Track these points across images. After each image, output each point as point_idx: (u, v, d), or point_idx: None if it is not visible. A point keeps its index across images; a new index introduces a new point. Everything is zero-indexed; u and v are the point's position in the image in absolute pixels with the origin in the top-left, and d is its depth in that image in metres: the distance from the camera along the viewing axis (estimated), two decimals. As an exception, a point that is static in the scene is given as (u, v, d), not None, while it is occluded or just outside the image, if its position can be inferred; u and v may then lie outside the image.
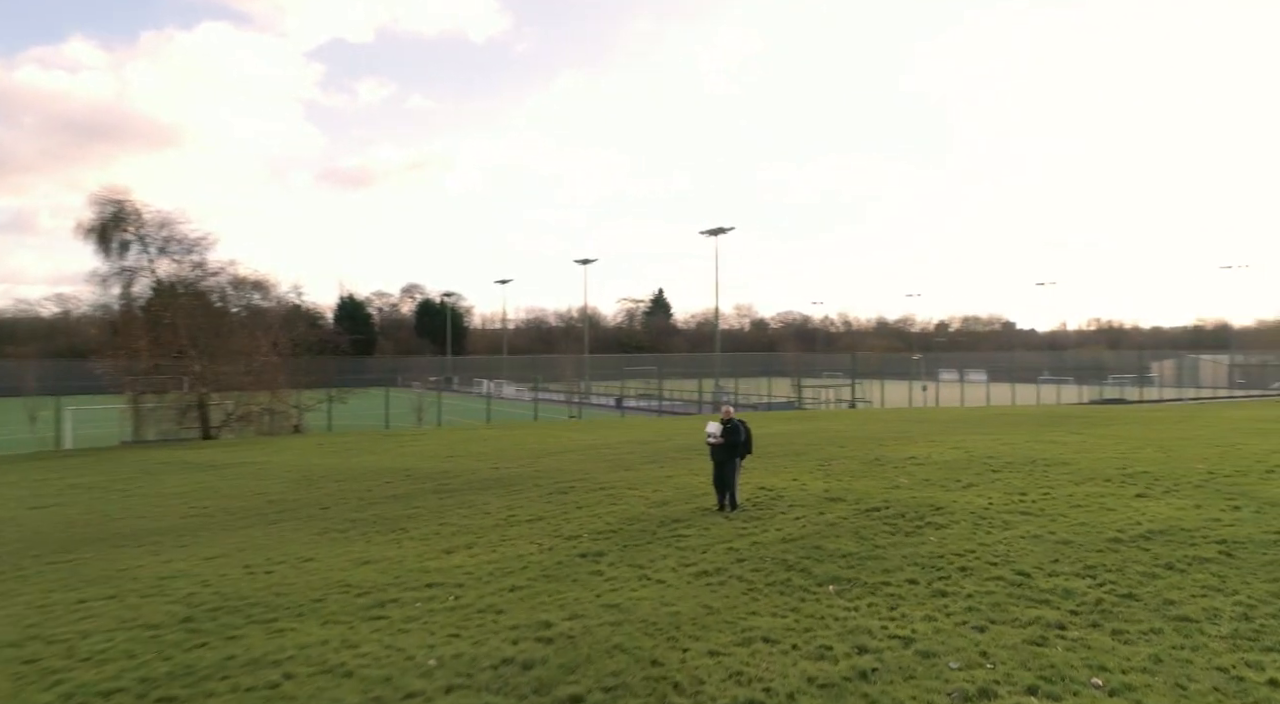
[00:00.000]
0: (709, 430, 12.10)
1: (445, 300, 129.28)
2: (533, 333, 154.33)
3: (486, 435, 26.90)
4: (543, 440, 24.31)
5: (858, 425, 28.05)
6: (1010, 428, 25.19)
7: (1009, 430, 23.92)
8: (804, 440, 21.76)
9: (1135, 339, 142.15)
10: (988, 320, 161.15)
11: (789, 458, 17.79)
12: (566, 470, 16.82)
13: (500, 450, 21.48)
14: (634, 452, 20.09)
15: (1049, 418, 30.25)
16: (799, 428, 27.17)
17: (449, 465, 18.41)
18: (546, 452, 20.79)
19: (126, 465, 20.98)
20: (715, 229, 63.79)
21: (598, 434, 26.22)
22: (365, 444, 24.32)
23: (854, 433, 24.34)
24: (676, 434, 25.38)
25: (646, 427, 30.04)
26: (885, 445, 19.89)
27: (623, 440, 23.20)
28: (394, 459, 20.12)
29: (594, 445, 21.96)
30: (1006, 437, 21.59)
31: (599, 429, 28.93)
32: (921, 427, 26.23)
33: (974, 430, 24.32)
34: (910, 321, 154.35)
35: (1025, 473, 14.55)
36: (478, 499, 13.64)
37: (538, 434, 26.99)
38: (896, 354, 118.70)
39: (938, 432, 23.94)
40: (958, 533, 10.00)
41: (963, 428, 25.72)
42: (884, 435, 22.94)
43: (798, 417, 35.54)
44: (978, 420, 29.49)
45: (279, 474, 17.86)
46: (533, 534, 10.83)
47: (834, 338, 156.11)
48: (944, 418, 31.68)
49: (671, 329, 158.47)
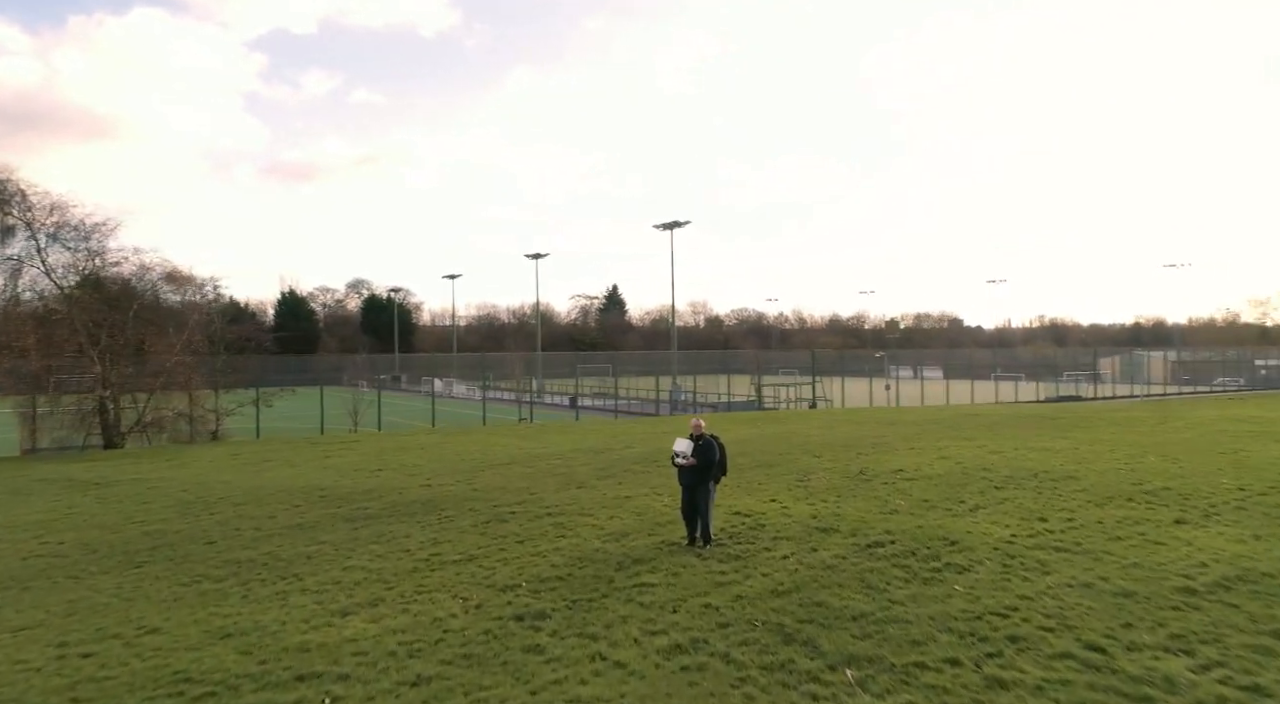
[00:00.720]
0: (677, 450, 10.01)
1: (392, 295, 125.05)
2: (484, 330, 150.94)
3: (426, 442, 24.45)
4: (487, 448, 21.99)
5: (826, 428, 26.30)
6: (988, 431, 23.69)
7: (988, 435, 22.39)
8: (774, 448, 19.86)
9: (1078, 336, 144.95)
10: (938, 318, 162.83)
11: (761, 470, 15.83)
12: (509, 488, 14.58)
13: (437, 462, 19.12)
14: (587, 463, 17.92)
15: (1020, 419, 28.95)
16: (765, 431, 25.30)
17: (374, 482, 16.00)
18: (489, 463, 18.50)
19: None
20: (670, 223, 61.91)
21: (548, 441, 23.98)
22: (285, 454, 21.68)
23: (825, 438, 22.54)
24: (634, 440, 23.29)
25: (601, 430, 27.89)
26: (865, 454, 18.07)
27: (574, 449, 21.02)
28: (313, 473, 17.61)
29: (542, 455, 19.73)
30: (991, 443, 19.99)
31: (550, 434, 26.69)
32: (895, 431, 24.57)
33: (951, 435, 22.74)
34: (863, 318, 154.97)
35: (1033, 490, 12.80)
36: (398, 530, 11.33)
37: (483, 440, 24.63)
38: (852, 351, 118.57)
39: (914, 436, 22.29)
40: (987, 578, 8.09)
41: (938, 431, 24.14)
42: (859, 441, 21.17)
43: (760, 418, 33.76)
44: (950, 422, 28.00)
45: (170, 495, 15.25)
46: (458, 582, 8.60)
47: (788, 335, 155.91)
48: (913, 419, 30.18)
49: (626, 326, 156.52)
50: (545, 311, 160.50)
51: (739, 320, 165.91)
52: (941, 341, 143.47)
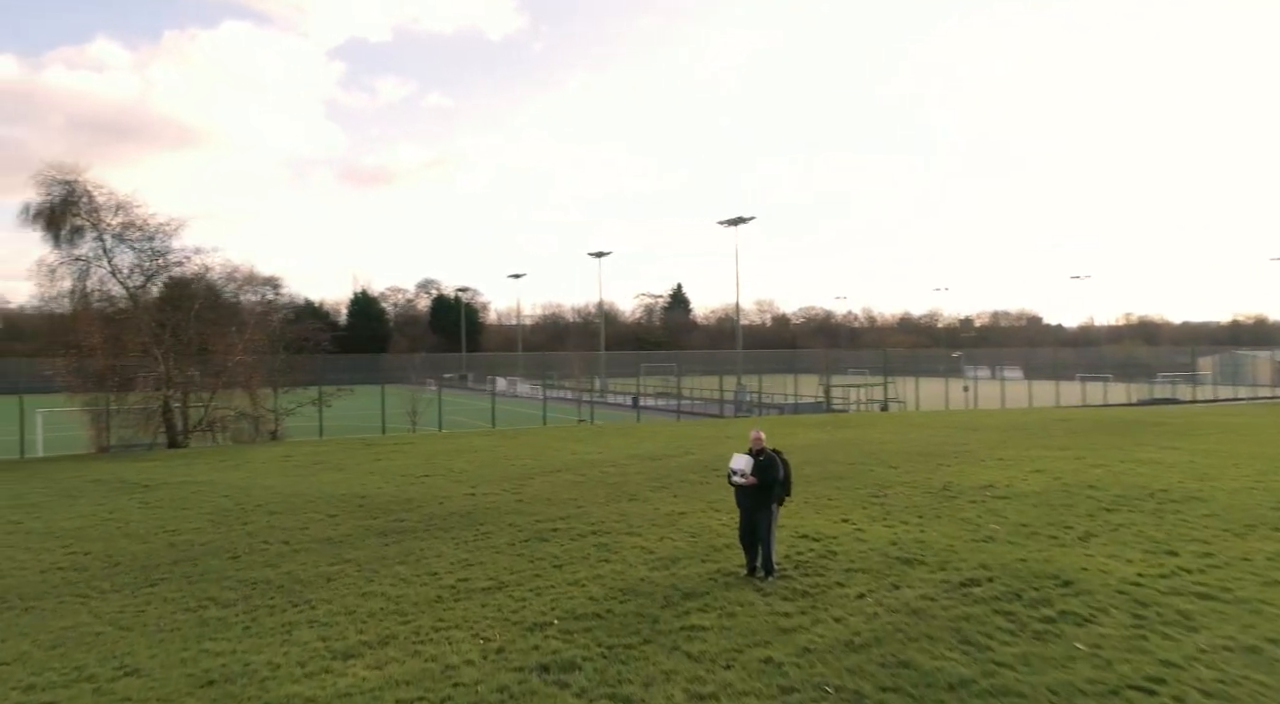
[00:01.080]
0: (734, 467, 8.76)
1: (459, 295, 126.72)
2: (549, 329, 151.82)
3: (480, 445, 23.71)
4: (541, 452, 21.08)
5: (900, 433, 24.54)
6: (1082, 439, 21.60)
7: (1084, 443, 20.34)
8: (844, 456, 18.34)
9: (1169, 334, 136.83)
10: (1016, 316, 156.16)
11: (831, 484, 14.39)
12: (555, 500, 13.54)
13: (487, 467, 18.26)
14: (641, 471, 16.77)
15: (1116, 424, 26.55)
16: (834, 437, 23.71)
17: (418, 489, 15.19)
18: (540, 469, 17.54)
19: (52, 481, 17.99)
20: (735, 219, 60.38)
21: (605, 444, 22.95)
22: (338, 456, 21.21)
23: (900, 444, 20.87)
24: (694, 445, 22.05)
25: (660, 434, 26.73)
26: (946, 465, 16.42)
27: (630, 454, 19.90)
28: (359, 478, 16.95)
29: (596, 461, 18.67)
30: (1090, 454, 18.03)
31: (607, 437, 25.66)
32: (977, 437, 22.67)
33: (1041, 443, 20.77)
34: (936, 316, 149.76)
35: (1152, 514, 11.06)
36: (430, 548, 10.39)
37: (538, 443, 23.76)
38: (925, 350, 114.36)
39: (1000, 444, 20.42)
40: (1116, 635, 6.59)
41: (1025, 438, 22.15)
42: (938, 449, 19.46)
43: (829, 421, 32.04)
44: (1037, 428, 25.85)
45: (211, 501, 14.74)
46: (482, 618, 7.56)
47: (857, 334, 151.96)
48: (994, 424, 28.07)
49: (691, 325, 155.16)
50: (609, 311, 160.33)
51: (806, 319, 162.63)
52: (1020, 340, 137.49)
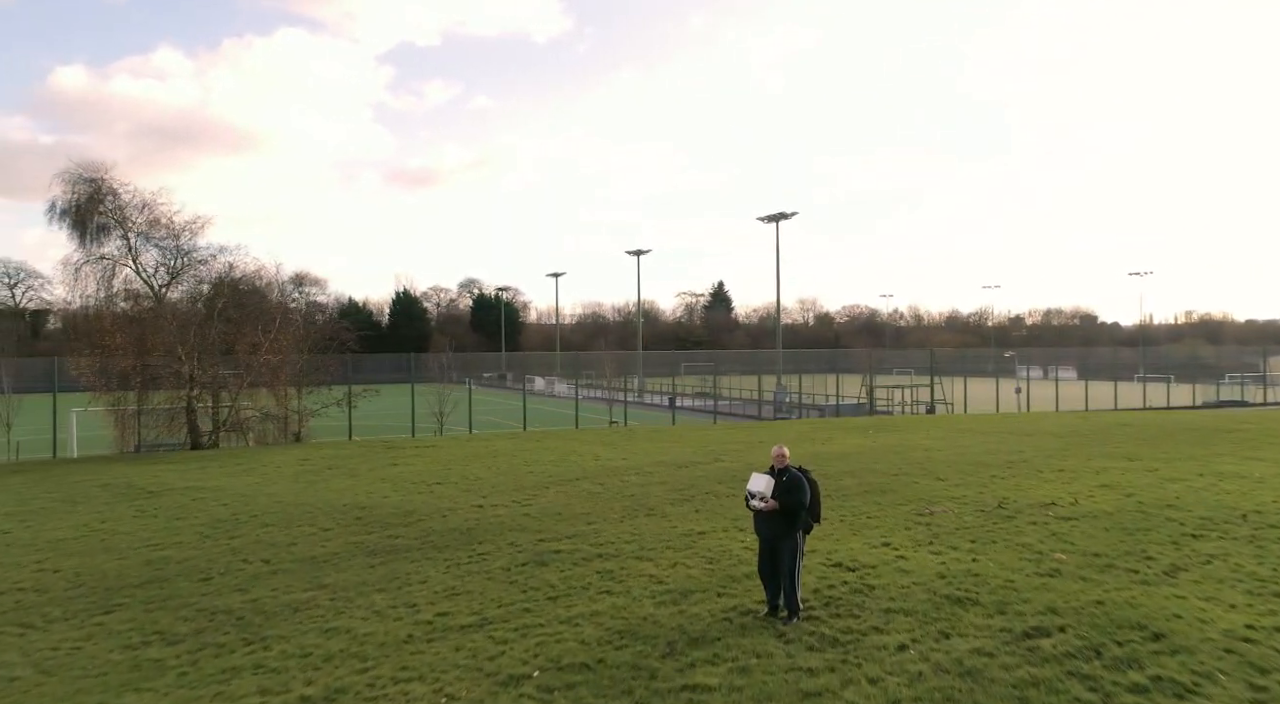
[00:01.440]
0: (752, 489, 7.53)
1: (500, 294, 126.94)
2: (588, 328, 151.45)
3: (502, 449, 22.75)
4: (564, 457, 20.02)
5: (949, 440, 22.92)
6: (1150, 447, 19.78)
7: (1153, 452, 18.55)
8: (887, 465, 16.89)
9: (1234, 333, 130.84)
10: (1070, 313, 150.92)
11: (871, 499, 13.03)
12: (566, 514, 12.43)
13: (503, 474, 17.26)
14: (665, 480, 15.58)
15: (1185, 431, 24.53)
16: (876, 443, 22.21)
17: (424, 499, 14.23)
18: (558, 477, 16.47)
19: (62, 485, 17.48)
20: (775, 215, 58.72)
21: (632, 449, 21.80)
22: (354, 461, 20.43)
23: (948, 452, 19.32)
24: (725, 451, 20.78)
25: (692, 437, 25.50)
26: (1001, 478, 14.91)
27: (657, 461, 18.72)
28: (367, 486, 16.08)
29: (619, 468, 17.54)
30: (1163, 465, 16.31)
31: (637, 441, 24.52)
32: (1033, 444, 20.98)
33: (1105, 451, 19.04)
34: (986, 314, 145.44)
35: (1249, 543, 9.51)
36: (416, 572, 9.35)
37: (564, 447, 22.72)
38: (974, 350, 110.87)
39: (1059, 453, 18.75)
40: (1229, 713, 5.21)
41: (1087, 446, 20.41)
42: (991, 458, 17.89)
43: (872, 425, 30.43)
44: (1098, 434, 23.99)
45: (209, 510, 13.97)
46: (451, 667, 6.45)
47: (903, 333, 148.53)
48: (1051, 429, 26.22)
49: (732, 324, 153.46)
50: (650, 309, 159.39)
51: (850, 317, 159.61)
52: (1074, 339, 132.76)
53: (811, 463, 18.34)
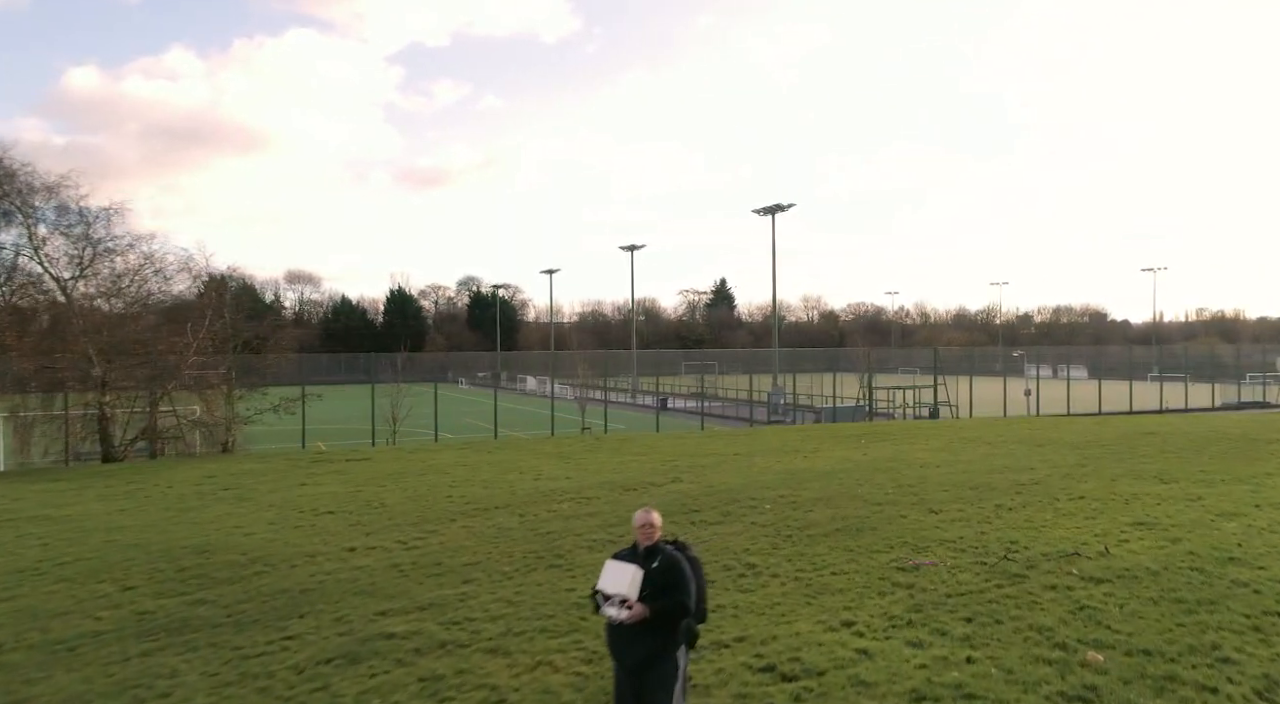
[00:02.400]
0: (605, 591, 4.69)
1: (496, 291, 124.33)
2: (589, 327, 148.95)
3: (442, 463, 20.01)
4: (501, 475, 17.28)
5: (951, 451, 20.08)
6: (1184, 463, 16.92)
7: (1189, 470, 15.68)
8: (871, 489, 14.07)
9: (1249, 331, 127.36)
10: (1080, 311, 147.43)
11: (844, 540, 10.23)
12: (448, 566, 9.66)
13: (418, 498, 14.52)
14: (599, 511, 12.80)
15: (1220, 440, 21.66)
16: (866, 456, 19.39)
17: (287, 540, 11.47)
18: (475, 505, 13.71)
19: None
20: (772, 206, 55.83)
21: (586, 465, 19.05)
22: (259, 479, 17.71)
23: (948, 470, 16.50)
24: (691, 467, 17.99)
25: (665, 448, 22.73)
26: (1007, 508, 12.09)
27: (605, 482, 15.94)
28: (238, 519, 13.34)
29: (552, 492, 14.76)
30: (1204, 488, 13.44)
31: (599, 452, 21.76)
32: (1045, 459, 18.13)
33: (1132, 468, 16.19)
34: (994, 312, 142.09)
35: (1365, 631, 6.68)
36: (172, 674, 6.60)
37: (510, 461, 19.97)
38: (982, 348, 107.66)
39: (1078, 471, 15.89)
40: None
41: (1110, 461, 17.56)
42: (996, 478, 15.05)
43: (867, 431, 27.57)
44: (1121, 445, 21.13)
45: (20, 554, 11.25)
46: None
47: (910, 331, 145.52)
48: (1067, 439, 23.35)
49: (735, 322, 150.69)
50: (651, 308, 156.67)
51: (855, 315, 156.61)
52: (1084, 337, 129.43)
53: (786, 482, 15.57)
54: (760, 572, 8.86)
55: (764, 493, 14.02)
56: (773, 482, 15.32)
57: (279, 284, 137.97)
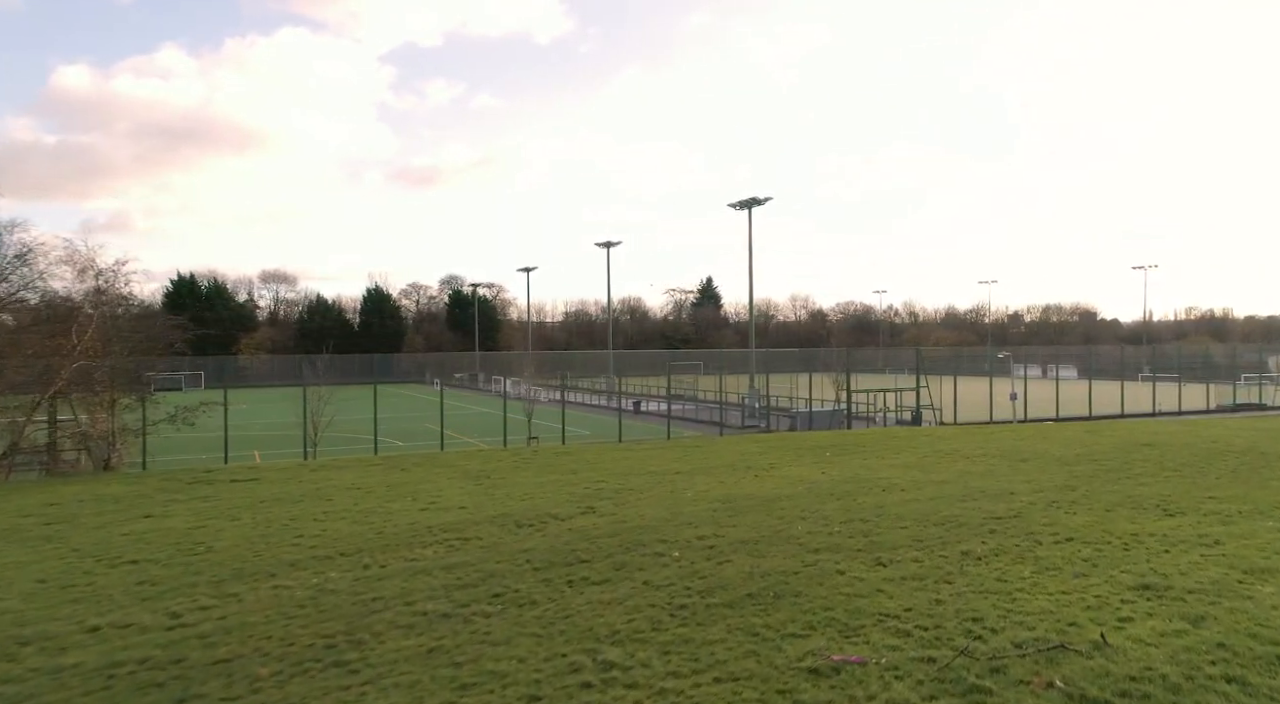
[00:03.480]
0: None
1: (474, 289, 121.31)
2: (572, 327, 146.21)
3: (335, 486, 17.30)
4: (385, 503, 14.59)
5: (922, 466, 17.53)
6: (1190, 485, 14.39)
7: (1196, 495, 13.13)
8: (814, 525, 11.44)
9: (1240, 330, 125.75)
10: (1070, 310, 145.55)
11: (752, 616, 7.57)
12: (200, 662, 6.99)
13: (253, 543, 11.81)
14: (459, 564, 10.10)
15: (1226, 453, 19.21)
16: (827, 476, 16.79)
17: (42, 608, 8.78)
18: (330, 548, 11.03)
19: None
20: (748, 200, 53.32)
21: (498, 488, 16.40)
22: (108, 508, 14.97)
23: (913, 494, 13.91)
24: (615, 492, 15.35)
25: (601, 464, 20.10)
26: (975, 560, 9.46)
27: (501, 513, 13.27)
28: (25, 569, 10.62)
29: (432, 528, 12.08)
30: (1219, 528, 10.86)
31: (526, 469, 19.11)
32: (1029, 478, 15.56)
33: (1129, 492, 13.63)
34: (983, 311, 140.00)
35: None
36: None
37: (409, 483, 17.30)
38: (970, 347, 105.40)
39: (1062, 493, 13.30)
40: None
41: (1100, 480, 15.02)
42: (967, 508, 12.44)
43: (836, 442, 24.97)
44: (1113, 458, 18.64)
45: None
46: None
47: (898, 330, 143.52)
48: (1055, 450, 20.85)
49: (721, 321, 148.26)
50: (636, 307, 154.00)
51: (844, 314, 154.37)
52: (1075, 336, 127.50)
53: (716, 515, 12.87)
54: (615, 678, 6.21)
55: (682, 532, 11.39)
56: (700, 515, 12.68)
57: (253, 283, 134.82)
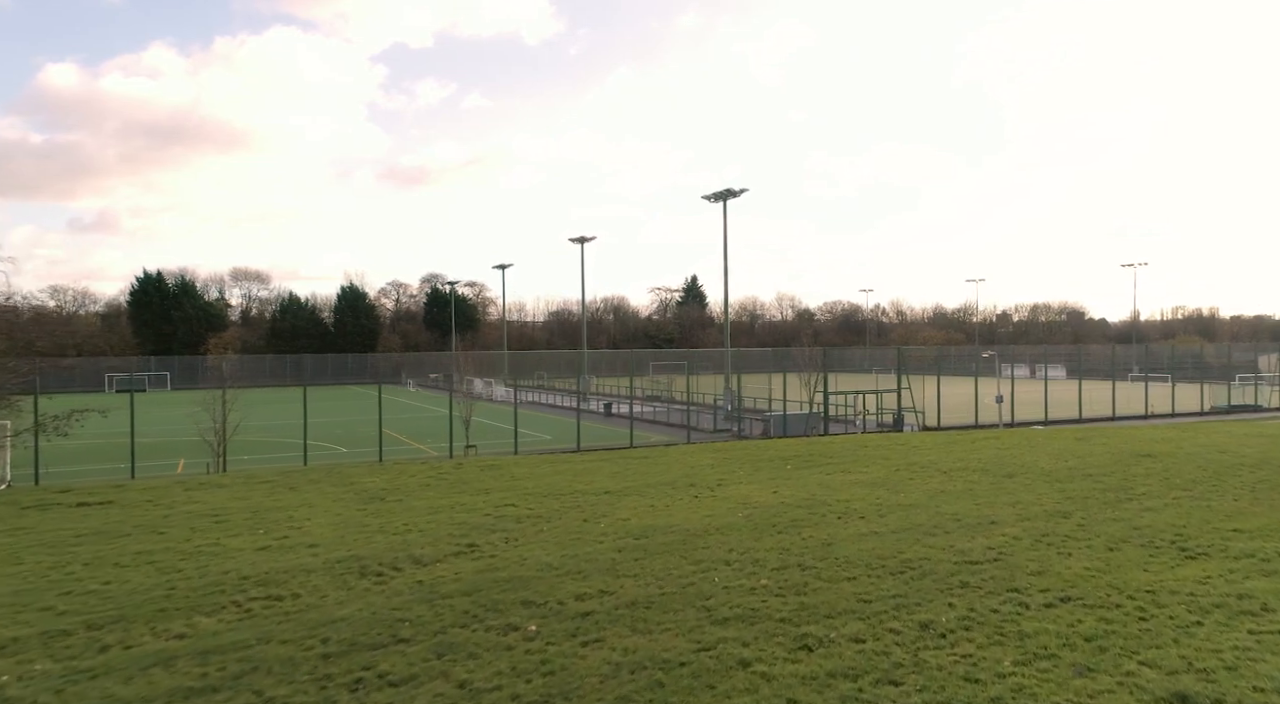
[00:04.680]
0: None
1: (451, 287, 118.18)
2: (553, 326, 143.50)
3: (194, 511, 14.58)
4: (237, 534, 11.89)
5: (892, 489, 14.93)
6: (1207, 509, 11.86)
7: (1216, 524, 10.58)
8: (736, 574, 8.80)
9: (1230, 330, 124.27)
10: (1057, 308, 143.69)
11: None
12: None
13: (16, 595, 9.10)
14: (249, 639, 7.41)
15: (1238, 467, 16.74)
16: (775, 497, 14.15)
17: None
18: (90, 612, 8.33)
19: None
20: (723, 192, 50.66)
21: (383, 513, 13.73)
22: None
23: (875, 526, 11.29)
24: (509, 522, 12.68)
25: (526, 482, 17.45)
26: (945, 629, 6.81)
27: (352, 556, 10.56)
28: None
29: (247, 579, 9.36)
30: (1254, 571, 8.29)
31: (431, 489, 16.43)
32: (1013, 500, 12.98)
33: (1134, 521, 11.07)
34: (970, 310, 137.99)
35: None
36: None
37: (289, 505, 14.60)
38: (956, 347, 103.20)
39: (1055, 525, 10.70)
40: None
41: (1100, 507, 12.46)
42: (936, 547, 9.80)
43: (802, 452, 22.35)
44: (1111, 474, 16.13)
45: None
46: None
47: (885, 329, 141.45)
48: (1042, 462, 18.36)
49: (706, 320, 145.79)
50: (620, 306, 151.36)
51: (830, 313, 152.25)
52: (1063, 336, 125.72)
53: (621, 557, 9.81)
54: None
55: (562, 587, 8.73)
56: (600, 558, 10.03)
57: (224, 281, 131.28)
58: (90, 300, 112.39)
